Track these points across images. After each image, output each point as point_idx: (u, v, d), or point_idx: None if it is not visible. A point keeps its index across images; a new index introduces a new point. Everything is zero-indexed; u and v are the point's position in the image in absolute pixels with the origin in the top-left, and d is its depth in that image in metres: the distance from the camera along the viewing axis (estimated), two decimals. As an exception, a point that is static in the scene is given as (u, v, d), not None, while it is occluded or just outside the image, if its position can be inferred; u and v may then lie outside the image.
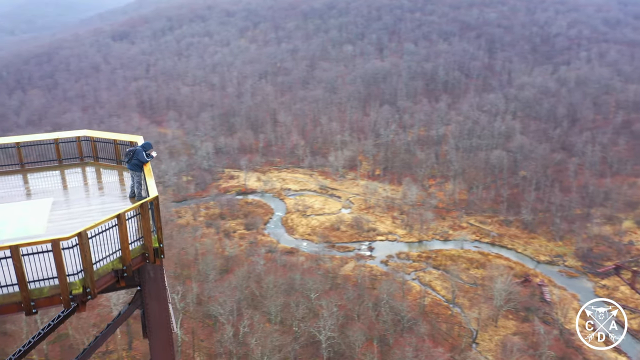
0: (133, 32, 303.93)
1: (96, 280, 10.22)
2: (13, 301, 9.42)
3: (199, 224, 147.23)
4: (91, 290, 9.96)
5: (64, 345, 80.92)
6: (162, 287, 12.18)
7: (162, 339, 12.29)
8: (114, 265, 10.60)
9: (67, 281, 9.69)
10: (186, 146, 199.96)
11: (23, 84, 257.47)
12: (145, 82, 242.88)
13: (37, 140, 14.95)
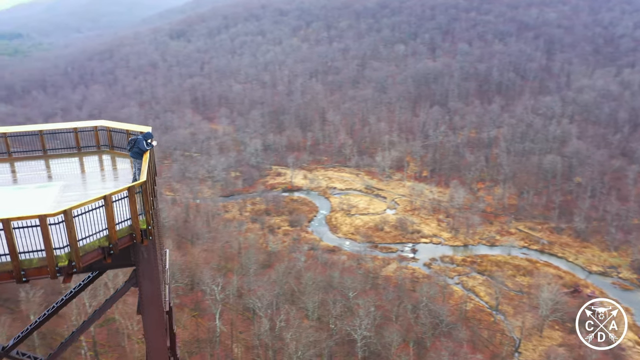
0: (190, 31, 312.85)
1: (82, 255, 10.81)
2: (5, 270, 10.18)
3: (245, 219, 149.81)
4: (76, 264, 10.52)
5: (111, 329, 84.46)
6: (155, 267, 12.67)
7: (154, 316, 12.90)
8: (101, 242, 11.18)
9: (54, 254, 10.27)
10: (236, 142, 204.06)
11: (86, 79, 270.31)
12: (199, 80, 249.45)
13: (58, 129, 15.78)
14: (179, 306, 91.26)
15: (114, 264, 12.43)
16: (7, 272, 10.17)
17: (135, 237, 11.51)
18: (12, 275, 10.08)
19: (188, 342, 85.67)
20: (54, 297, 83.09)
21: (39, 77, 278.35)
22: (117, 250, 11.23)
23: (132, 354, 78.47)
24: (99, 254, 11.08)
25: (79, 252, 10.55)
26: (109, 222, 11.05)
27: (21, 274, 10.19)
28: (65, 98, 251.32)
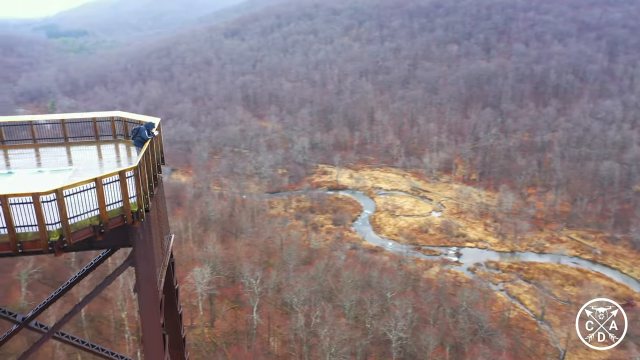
0: (244, 30, 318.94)
1: (73, 232, 11.54)
2: (3, 241, 11.04)
3: (289, 215, 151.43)
4: (67, 239, 11.22)
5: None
6: (150, 249, 13.28)
7: (149, 294, 13.62)
8: (92, 221, 11.87)
9: (46, 229, 11.02)
10: (284, 140, 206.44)
11: (144, 75, 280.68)
12: (251, 77, 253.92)
13: (79, 119, 16.74)
14: (219, 297, 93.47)
15: (112, 244, 13.17)
16: (5, 243, 11.05)
17: (126, 219, 12.16)
18: (9, 246, 10.95)
19: (227, 333, 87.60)
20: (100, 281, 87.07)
21: (101, 73, 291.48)
22: (107, 229, 11.89)
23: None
24: (90, 231, 11.79)
25: (69, 229, 11.30)
26: (99, 203, 11.74)
27: (17, 246, 11.09)
28: (124, 93, 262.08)
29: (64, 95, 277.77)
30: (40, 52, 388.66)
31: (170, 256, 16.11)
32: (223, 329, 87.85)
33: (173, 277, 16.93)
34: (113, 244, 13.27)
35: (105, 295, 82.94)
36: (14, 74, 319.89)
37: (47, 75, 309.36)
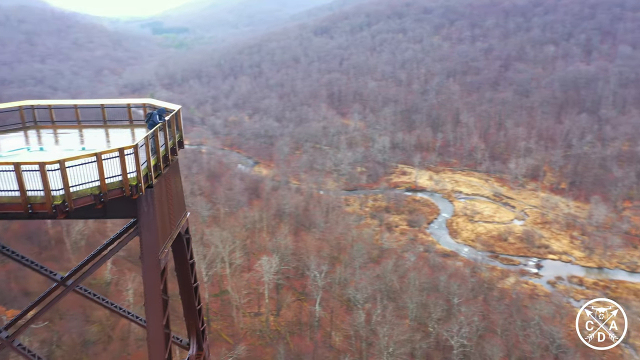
0: (333, 28, 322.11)
1: (75, 199, 12.88)
2: (17, 202, 12.64)
3: (364, 214, 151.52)
4: (69, 204, 12.63)
5: (224, 300, 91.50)
6: (153, 220, 14.43)
7: (151, 262, 14.91)
8: (92, 191, 13.15)
9: (51, 194, 12.47)
10: (365, 138, 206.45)
11: (235, 71, 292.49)
12: (337, 75, 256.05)
13: (116, 104, 18.37)
14: (286, 288, 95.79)
15: (120, 214, 14.55)
16: (18, 204, 12.73)
17: (124, 191, 13.35)
18: (22, 207, 12.58)
19: (291, 323, 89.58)
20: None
21: (197, 67, 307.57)
22: (106, 199, 13.16)
23: (238, 325, 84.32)
24: (90, 199, 13.13)
25: (71, 195, 12.72)
26: (99, 175, 13.01)
27: (27, 207, 12.67)
28: (216, 87, 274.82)
29: (162, 88, 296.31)
30: (144, 48, 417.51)
31: (185, 232, 17.36)
32: (287, 319, 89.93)
33: (187, 252, 18.14)
34: (121, 215, 14.64)
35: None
36: (120, 67, 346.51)
37: (148, 69, 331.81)
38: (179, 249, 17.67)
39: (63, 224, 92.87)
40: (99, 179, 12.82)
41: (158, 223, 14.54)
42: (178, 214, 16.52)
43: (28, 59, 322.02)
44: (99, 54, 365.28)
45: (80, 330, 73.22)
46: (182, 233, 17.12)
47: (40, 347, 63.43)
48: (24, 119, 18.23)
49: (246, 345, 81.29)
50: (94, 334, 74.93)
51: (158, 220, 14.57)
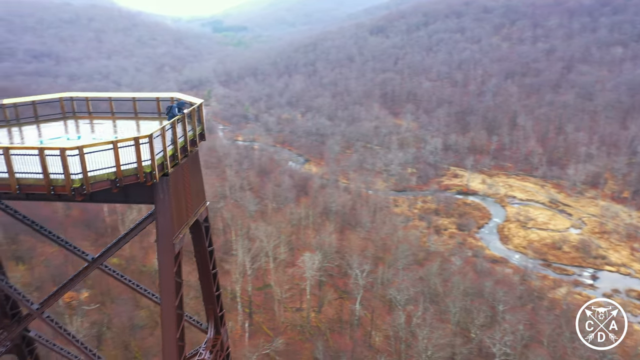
0: (389, 27, 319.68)
1: (92, 183, 13.88)
2: (41, 184, 13.76)
3: (412, 215, 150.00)
4: (86, 187, 13.67)
5: (267, 294, 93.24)
6: (168, 207, 15.31)
7: (166, 245, 16.02)
8: (109, 176, 14.10)
9: (70, 177, 13.51)
10: (416, 139, 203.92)
11: (290, 69, 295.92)
12: (391, 75, 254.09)
13: (145, 97, 19.49)
14: (328, 285, 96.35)
15: (139, 199, 15.54)
16: (42, 185, 13.92)
17: (139, 177, 14.23)
18: (45, 188, 13.72)
19: (332, 320, 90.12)
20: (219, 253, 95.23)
21: (253, 65, 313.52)
22: (122, 184, 14.11)
23: (279, 319, 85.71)
24: (107, 184, 14.12)
25: (88, 179, 13.74)
26: (115, 162, 13.95)
27: (50, 189, 13.79)
28: (271, 85, 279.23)
29: (220, 85, 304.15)
30: (204, 46, 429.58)
31: (204, 220, 18.25)
32: (328, 316, 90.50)
33: (206, 240, 18.99)
34: (140, 200, 15.63)
35: (224, 267, 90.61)
36: (181, 64, 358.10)
37: (207, 66, 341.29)
38: (198, 236, 18.59)
39: (119, 213, 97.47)
40: (115, 166, 13.81)
41: (173, 209, 15.42)
42: (196, 203, 17.38)
43: (96, 55, 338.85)
44: (161, 51, 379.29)
45: (130, 314, 76.65)
46: (200, 221, 18.00)
47: (91, 328, 66.95)
48: (64, 110, 19.70)
49: (286, 339, 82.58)
50: (142, 319, 78.23)
51: (173, 207, 15.45)
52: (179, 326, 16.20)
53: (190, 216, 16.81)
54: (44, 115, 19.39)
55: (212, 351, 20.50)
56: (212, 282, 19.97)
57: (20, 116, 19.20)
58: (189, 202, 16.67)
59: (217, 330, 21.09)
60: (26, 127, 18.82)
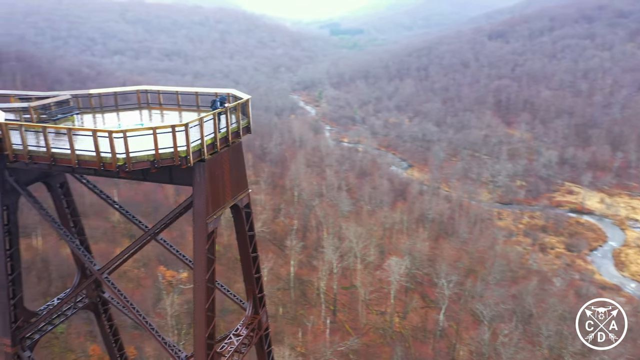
0: (510, 32, 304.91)
1: (134, 162, 16.04)
2: (93, 160, 16.28)
3: (517, 230, 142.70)
4: (128, 165, 15.92)
5: (353, 294, 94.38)
6: (203, 189, 17.10)
7: (200, 225, 17.75)
8: (148, 157, 16.08)
9: (116, 156, 15.72)
10: (529, 151, 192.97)
11: (402, 73, 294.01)
12: (507, 82, 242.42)
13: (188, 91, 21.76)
14: (416, 292, 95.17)
15: (181, 181, 17.61)
16: (94, 162, 16.65)
17: (174, 160, 16.08)
18: (96, 164, 16.19)
19: (416, 328, 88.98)
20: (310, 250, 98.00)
21: (364, 68, 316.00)
22: (159, 165, 16.13)
23: (361, 320, 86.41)
24: (147, 164, 16.22)
25: (130, 159, 15.89)
26: (154, 145, 15.90)
27: (100, 165, 16.19)
28: (380, 89, 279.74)
29: (331, 86, 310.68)
30: (320, 48, 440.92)
31: (245, 207, 19.89)
32: (413, 323, 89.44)
33: (246, 225, 20.57)
34: (182, 182, 17.67)
35: (313, 263, 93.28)
36: (296, 65, 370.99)
37: (320, 68, 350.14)
38: (239, 220, 20.24)
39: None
40: (154, 149, 15.82)
41: (208, 192, 17.11)
42: (236, 189, 18.97)
43: (220, 55, 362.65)
44: (279, 53, 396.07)
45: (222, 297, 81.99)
46: (240, 206, 19.59)
47: (182, 304, 72.61)
48: (140, 101, 22.48)
49: (367, 340, 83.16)
50: (232, 303, 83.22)
51: (209, 190, 17.13)
52: (208, 298, 17.96)
53: (228, 201, 18.45)
54: (122, 105, 22.35)
55: (249, 328, 22.11)
56: (251, 264, 21.49)
57: (103, 104, 22.34)
58: (227, 187, 18.32)
59: (255, 310, 22.65)
60: (108, 114, 21.88)
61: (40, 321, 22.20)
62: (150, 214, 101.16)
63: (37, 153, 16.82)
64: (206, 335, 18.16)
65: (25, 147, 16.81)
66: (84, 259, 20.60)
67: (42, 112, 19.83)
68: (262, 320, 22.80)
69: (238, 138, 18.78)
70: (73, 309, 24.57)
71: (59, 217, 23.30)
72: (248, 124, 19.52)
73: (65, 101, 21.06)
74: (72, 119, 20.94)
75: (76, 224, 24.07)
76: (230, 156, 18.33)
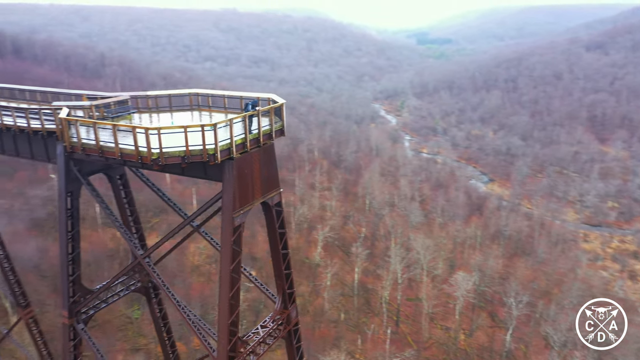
0: (610, 43, 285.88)
1: (167, 157, 17.54)
2: (133, 154, 18.17)
3: (604, 254, 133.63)
4: (161, 159, 17.67)
5: (417, 306, 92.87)
6: (231, 185, 18.31)
7: (227, 219, 19.03)
8: (179, 153, 17.51)
9: (151, 150, 17.31)
10: (624, 170, 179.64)
11: (488, 84, 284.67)
12: (604, 96, 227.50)
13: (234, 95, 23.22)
14: (484, 310, 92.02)
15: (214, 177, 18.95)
16: (133, 155, 18.46)
17: (202, 157, 17.39)
18: (135, 157, 18.22)
19: (482, 347, 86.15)
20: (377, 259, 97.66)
21: (449, 78, 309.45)
22: (189, 161, 17.55)
23: (424, 333, 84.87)
24: (178, 159, 17.68)
25: (163, 153, 17.46)
26: (185, 142, 17.32)
27: (139, 158, 17.92)
28: (465, 100, 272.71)
29: (413, 96, 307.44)
30: (405, 57, 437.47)
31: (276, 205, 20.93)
32: (479, 341, 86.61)
33: (277, 223, 21.58)
34: (215, 178, 19.01)
35: (377, 272, 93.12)
36: (380, 74, 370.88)
37: (404, 77, 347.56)
38: (269, 218, 21.31)
39: (291, 208, 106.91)
40: (185, 146, 17.26)
41: (236, 188, 18.29)
42: (266, 188, 20.03)
43: (305, 63, 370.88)
44: (364, 61, 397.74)
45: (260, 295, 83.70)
46: (270, 204, 20.64)
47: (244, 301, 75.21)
48: (192, 102, 24.33)
49: (429, 354, 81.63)
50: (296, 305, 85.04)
51: (236, 187, 18.29)
52: (232, 287, 19.12)
53: (257, 198, 19.61)
54: (176, 106, 24.33)
55: (277, 321, 23.08)
56: (282, 261, 22.48)
57: (159, 105, 24.44)
58: (256, 185, 19.45)
59: (285, 306, 23.58)
60: (162, 114, 23.91)
61: (95, 298, 24.66)
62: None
63: (89, 145, 19.00)
64: (229, 322, 19.35)
65: (79, 140, 19.04)
66: (130, 244, 22.67)
67: (104, 110, 22.20)
68: (291, 315, 23.73)
69: (270, 140, 19.91)
70: (125, 290, 27.00)
71: (118, 206, 25.79)
72: (282, 127, 20.62)
73: (124, 101, 23.38)
74: (130, 117, 23.21)
75: (132, 212, 26.50)
76: (261, 156, 19.48)
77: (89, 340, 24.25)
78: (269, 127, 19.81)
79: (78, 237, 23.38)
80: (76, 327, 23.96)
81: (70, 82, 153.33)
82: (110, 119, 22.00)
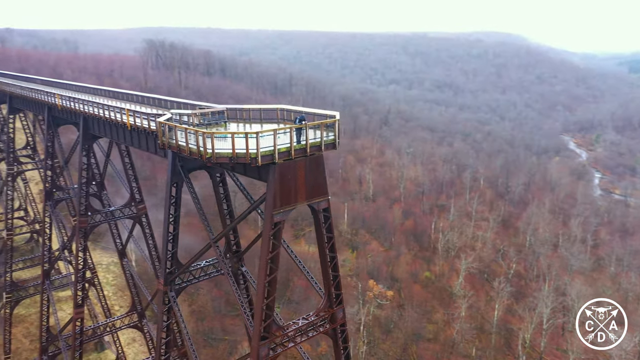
0: None
1: (218, 157, 20.73)
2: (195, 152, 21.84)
3: None
4: (213, 158, 21.00)
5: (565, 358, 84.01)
6: (272, 187, 20.78)
7: (267, 217, 21.48)
8: (228, 154, 20.60)
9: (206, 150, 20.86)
10: None
11: None
12: None
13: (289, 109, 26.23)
14: None
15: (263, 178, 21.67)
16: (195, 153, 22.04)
17: (245, 159, 20.26)
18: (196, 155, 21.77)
19: None
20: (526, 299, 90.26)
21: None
22: (235, 162, 20.52)
23: None
24: (227, 159, 20.73)
25: (215, 154, 20.73)
26: (232, 146, 20.37)
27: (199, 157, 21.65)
28: None
29: (613, 130, 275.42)
30: (610, 86, 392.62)
31: (323, 211, 22.81)
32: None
33: (323, 228, 23.36)
34: (263, 179, 21.78)
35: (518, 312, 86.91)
36: (575, 104, 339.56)
37: (605, 109, 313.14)
38: (317, 221, 23.24)
39: (440, 234, 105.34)
40: (231, 149, 20.47)
41: (277, 189, 20.76)
42: (311, 194, 22.09)
43: (491, 89, 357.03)
44: (558, 89, 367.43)
45: (419, 324, 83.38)
46: (317, 209, 22.59)
47: (376, 318, 76.73)
48: (279, 117, 27.64)
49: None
50: (428, 331, 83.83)
51: (277, 188, 20.76)
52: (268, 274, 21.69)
53: (301, 201, 21.85)
54: (266, 119, 27.96)
55: (319, 317, 24.91)
56: (328, 263, 24.24)
57: (251, 117, 28.38)
58: (300, 190, 21.71)
59: (330, 304, 25.22)
60: (254, 124, 27.77)
61: (187, 272, 30.05)
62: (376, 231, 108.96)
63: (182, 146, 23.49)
64: (263, 305, 22.04)
65: (176, 141, 23.70)
66: (208, 232, 26.97)
67: (201, 118, 27.02)
68: (336, 314, 25.28)
69: (319, 151, 22.18)
70: (215, 273, 31.80)
71: (216, 200, 30.58)
72: (334, 142, 22.71)
73: (220, 112, 27.87)
74: (224, 125, 27.54)
75: (228, 207, 31.02)
76: (307, 164, 21.80)
77: (175, 306, 29.33)
78: (319, 139, 22.19)
79: (178, 221, 28.45)
80: (168, 294, 29.08)
81: (259, 98, 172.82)
82: (204, 126, 26.67)
